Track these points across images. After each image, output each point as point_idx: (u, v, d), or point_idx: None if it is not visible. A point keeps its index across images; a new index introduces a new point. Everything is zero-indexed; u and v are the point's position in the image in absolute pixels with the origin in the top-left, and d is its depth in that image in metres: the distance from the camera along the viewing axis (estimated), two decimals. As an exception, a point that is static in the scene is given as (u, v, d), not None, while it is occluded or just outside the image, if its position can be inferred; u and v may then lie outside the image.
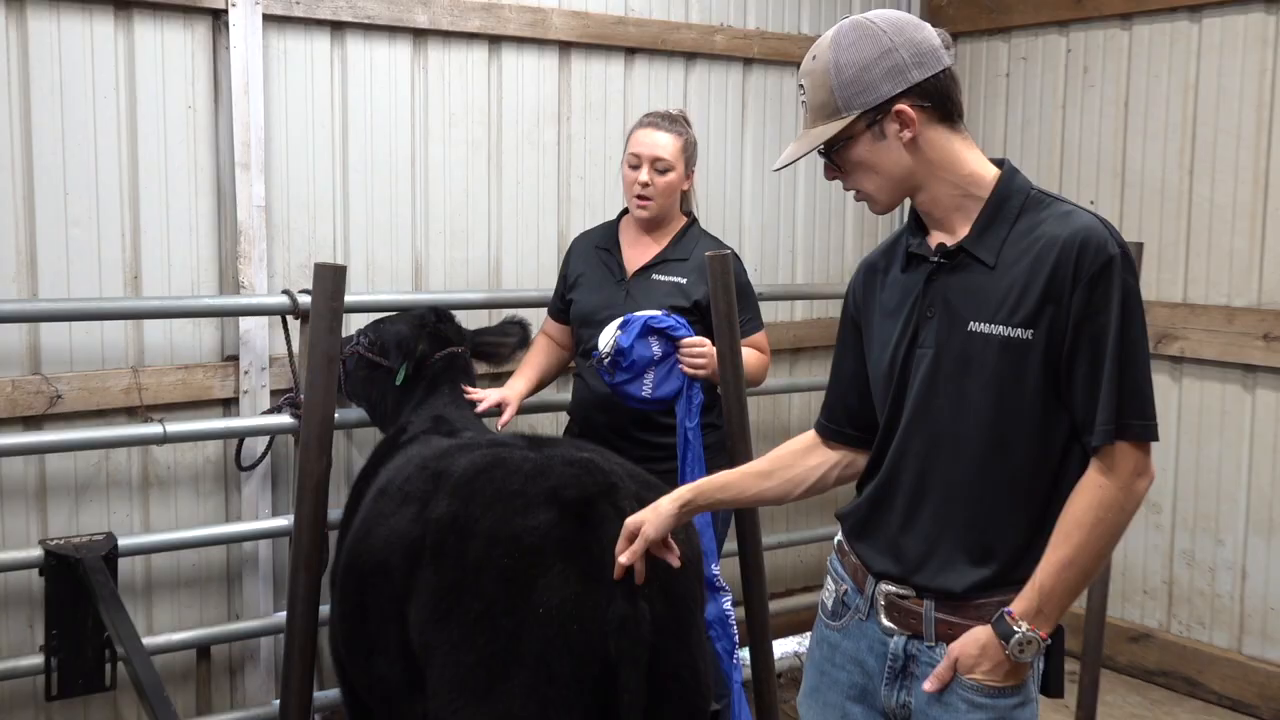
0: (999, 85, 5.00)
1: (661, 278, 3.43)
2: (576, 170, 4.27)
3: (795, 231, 4.89)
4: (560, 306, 3.63)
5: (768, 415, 4.82)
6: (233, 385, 3.58)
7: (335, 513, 3.18)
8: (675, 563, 2.25)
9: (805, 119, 2.04)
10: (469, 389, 3.35)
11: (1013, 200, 1.98)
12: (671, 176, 3.40)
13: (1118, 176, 4.61)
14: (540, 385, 3.64)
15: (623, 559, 2.20)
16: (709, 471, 3.26)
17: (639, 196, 3.43)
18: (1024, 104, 4.92)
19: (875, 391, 2.13)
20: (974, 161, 2.01)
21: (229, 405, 3.62)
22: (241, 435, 3.56)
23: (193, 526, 3.55)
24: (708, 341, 3.24)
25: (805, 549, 4.93)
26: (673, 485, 3.14)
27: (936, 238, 2.04)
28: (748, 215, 4.73)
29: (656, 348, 3.22)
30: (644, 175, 3.40)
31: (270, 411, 3.58)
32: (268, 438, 3.61)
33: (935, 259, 2.01)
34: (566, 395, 3.82)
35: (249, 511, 3.64)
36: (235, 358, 3.60)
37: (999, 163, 2.03)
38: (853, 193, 2.09)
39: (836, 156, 2.03)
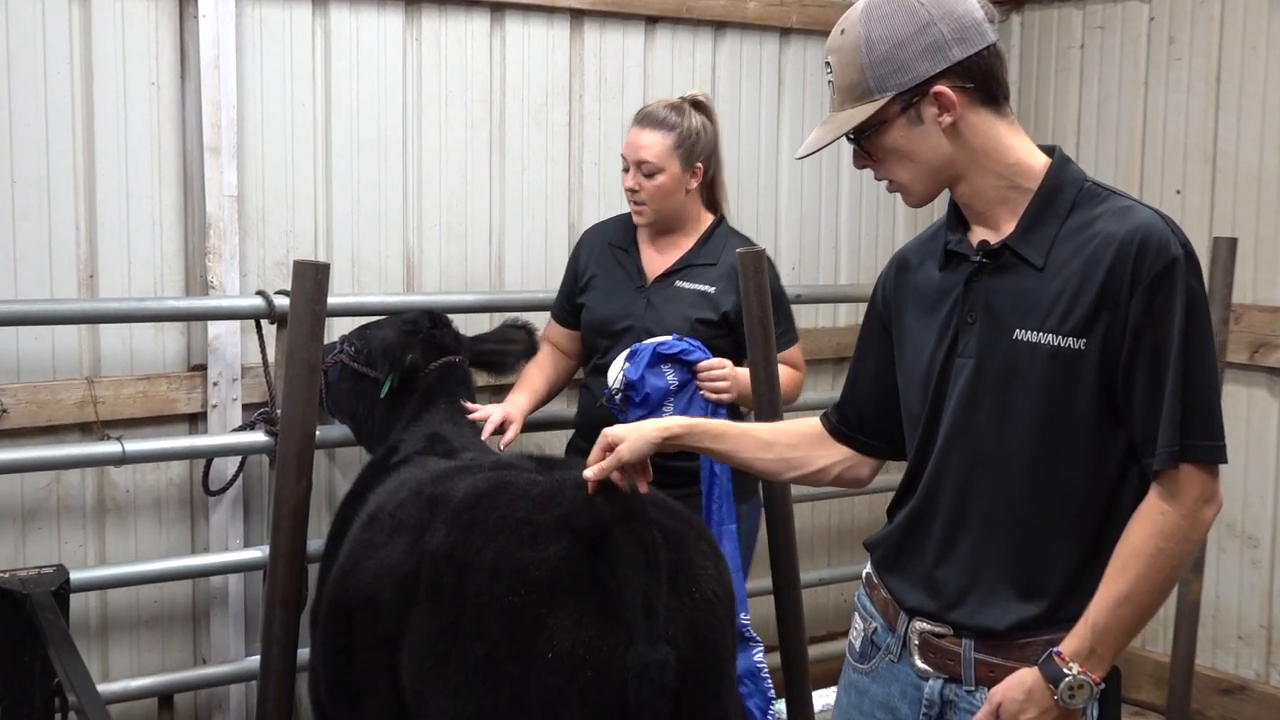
0: (1072, 58, 5.00)
1: (686, 285, 3.44)
2: (590, 155, 4.29)
3: (838, 225, 4.89)
4: (568, 309, 3.64)
5: (807, 434, 4.82)
6: (200, 398, 3.61)
7: (315, 543, 3.19)
8: (643, 488, 2.32)
9: (832, 101, 2.07)
10: (469, 405, 3.36)
11: (1064, 193, 2.00)
12: (661, 179, 3.41)
13: (1208, 162, 4.60)
14: (545, 400, 3.65)
15: (588, 473, 2.28)
16: (739, 511, 3.28)
17: (633, 202, 3.47)
18: (1100, 80, 4.92)
19: (907, 403, 2.15)
20: (1021, 149, 2.03)
21: (196, 421, 3.64)
22: (210, 455, 3.58)
23: (154, 558, 3.57)
24: (728, 363, 3.25)
25: (847, 587, 4.92)
26: (695, 511, 3.16)
27: (978, 234, 2.06)
28: (784, 206, 4.74)
29: (672, 376, 3.24)
30: (630, 180, 3.44)
31: (242, 428, 3.60)
32: (239, 458, 3.63)
33: (977, 258, 2.03)
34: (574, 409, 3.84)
35: (218, 542, 3.66)
36: (203, 367, 3.62)
37: (1049, 150, 2.05)
38: (885, 183, 2.11)
39: (867, 143, 2.05)
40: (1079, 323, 1.93)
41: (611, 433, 2.28)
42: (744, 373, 3.26)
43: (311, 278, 2.66)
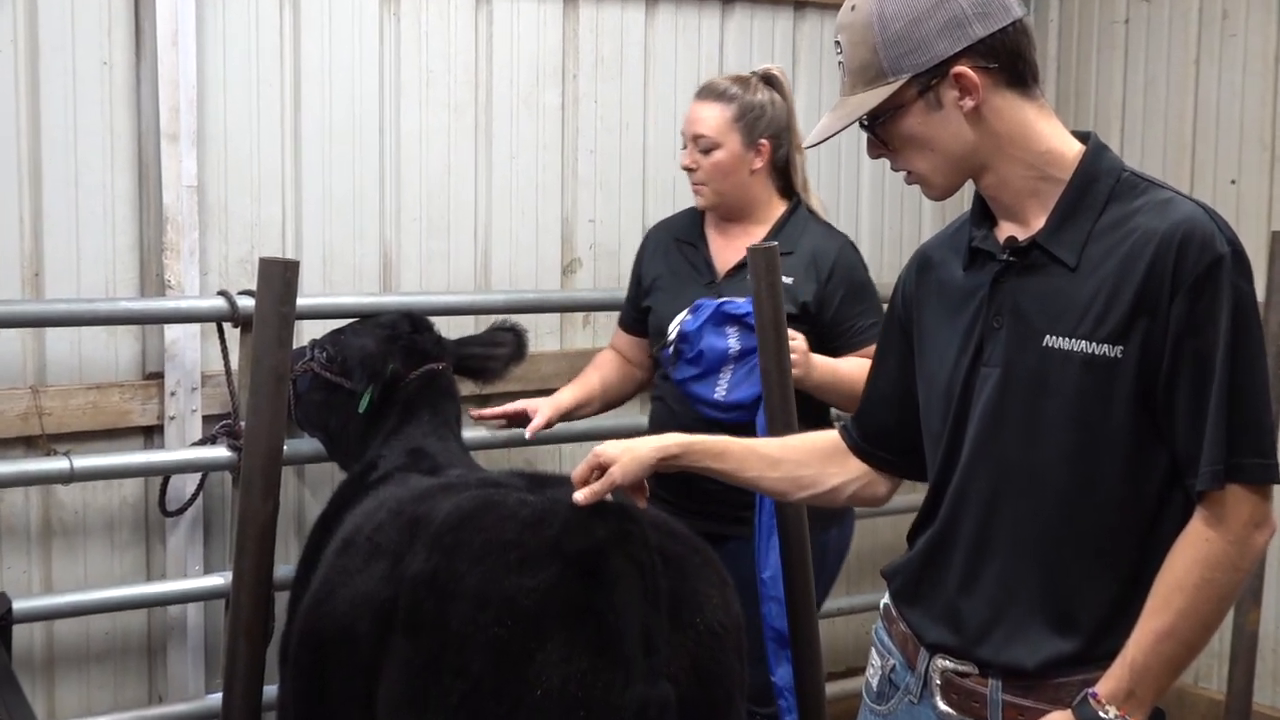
0: (1115, 35, 5.01)
1: None
2: (585, 141, 4.30)
3: (859, 218, 4.90)
4: (635, 315, 3.68)
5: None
6: (156, 409, 3.61)
7: (282, 569, 3.20)
8: (641, 504, 2.36)
9: (843, 84, 2.07)
10: (479, 410, 3.38)
11: (1099, 184, 2.00)
12: (719, 155, 3.44)
13: (1266, 149, 4.60)
14: (593, 406, 3.67)
15: (578, 496, 2.32)
16: (824, 539, 3.28)
17: (692, 184, 3.52)
18: (1147, 59, 4.92)
19: (928, 417, 2.16)
20: (1052, 136, 2.03)
21: (151, 434, 3.65)
22: (167, 472, 3.58)
23: (106, 586, 3.57)
24: (800, 338, 3.24)
25: (868, 618, 4.90)
26: (750, 533, 3.14)
27: (1006, 230, 2.07)
28: (799, 198, 4.74)
29: (734, 341, 3.24)
30: (687, 157, 3.49)
31: (203, 442, 3.60)
32: (199, 475, 3.63)
33: (1004, 257, 2.04)
34: (623, 421, 3.87)
35: (175, 568, 3.67)
36: (160, 375, 3.62)
37: (1083, 137, 2.06)
38: (903, 174, 2.12)
39: (882, 130, 2.05)
40: (1115, 328, 1.92)
41: (604, 453, 2.30)
42: (820, 359, 3.27)
43: (279, 276, 2.66)
